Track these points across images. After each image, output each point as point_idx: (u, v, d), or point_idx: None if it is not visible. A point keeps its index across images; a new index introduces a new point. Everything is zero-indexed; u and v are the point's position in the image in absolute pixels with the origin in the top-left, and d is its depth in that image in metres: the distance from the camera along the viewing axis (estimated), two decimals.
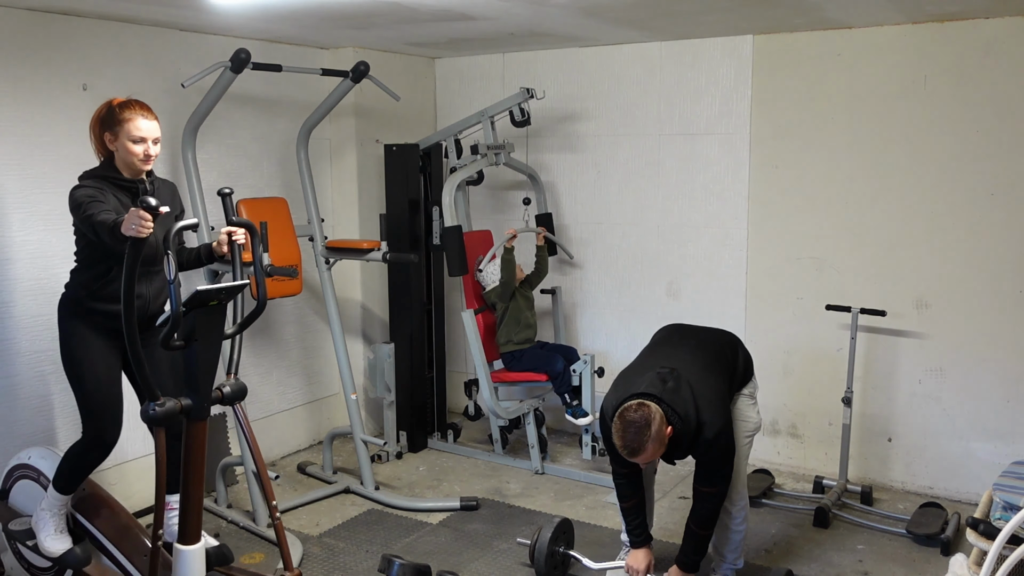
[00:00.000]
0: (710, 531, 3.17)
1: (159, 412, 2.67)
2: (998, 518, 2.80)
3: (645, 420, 2.87)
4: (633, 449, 2.90)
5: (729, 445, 3.08)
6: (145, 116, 2.93)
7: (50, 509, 3.18)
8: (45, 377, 3.76)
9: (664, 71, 4.81)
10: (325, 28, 4.28)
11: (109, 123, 2.92)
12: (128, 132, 2.90)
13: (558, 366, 4.54)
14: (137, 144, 2.91)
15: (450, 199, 4.49)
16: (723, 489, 3.12)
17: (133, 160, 2.93)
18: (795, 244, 4.56)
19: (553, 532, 3.51)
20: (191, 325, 2.70)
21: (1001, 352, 4.15)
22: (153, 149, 2.95)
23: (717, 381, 3.15)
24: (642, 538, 3.28)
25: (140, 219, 2.48)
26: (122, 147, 2.91)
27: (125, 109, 2.92)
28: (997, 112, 4.02)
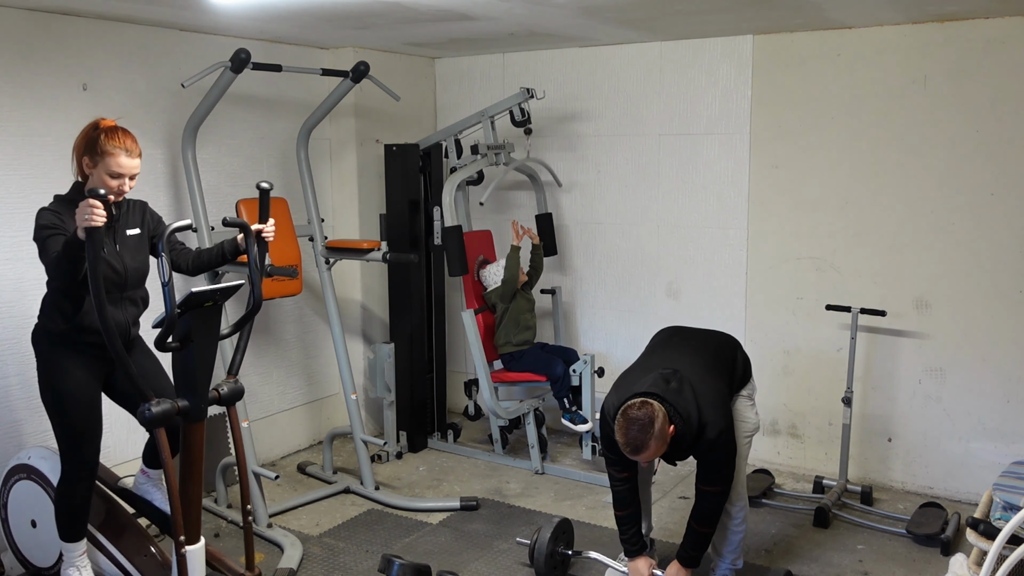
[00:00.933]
0: (712, 529, 3.18)
1: (155, 412, 2.66)
2: (998, 518, 2.81)
3: (648, 418, 2.88)
4: (636, 446, 2.90)
5: (731, 445, 3.08)
6: (129, 153, 2.85)
7: (71, 564, 3.13)
8: None
9: (664, 71, 4.81)
10: (325, 28, 4.28)
11: (91, 150, 2.84)
12: (107, 166, 2.82)
13: (557, 370, 4.53)
14: (113, 179, 2.84)
15: (450, 199, 4.49)
16: (725, 488, 3.12)
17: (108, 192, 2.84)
18: (795, 244, 4.56)
19: (553, 532, 3.50)
20: (187, 326, 2.69)
21: (1001, 352, 4.14)
22: (127, 185, 2.89)
23: (718, 382, 3.16)
24: (638, 547, 3.29)
25: (91, 208, 2.47)
26: (97, 177, 2.84)
27: (111, 140, 2.83)
28: (997, 112, 4.02)
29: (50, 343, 2.98)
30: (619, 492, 3.26)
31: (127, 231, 3.00)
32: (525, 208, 5.33)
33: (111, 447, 3.99)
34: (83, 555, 3.15)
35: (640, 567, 3.28)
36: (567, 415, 4.55)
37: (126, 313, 3.01)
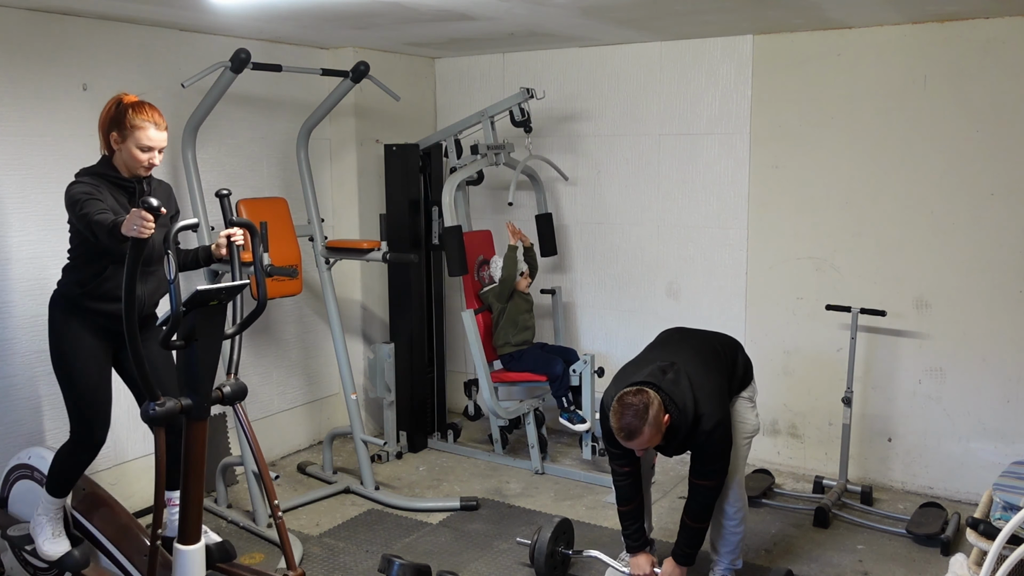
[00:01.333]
0: (705, 524, 3.19)
1: (159, 412, 2.66)
2: (998, 518, 2.80)
3: (643, 404, 2.90)
4: (630, 431, 2.91)
5: (726, 439, 3.09)
6: (157, 126, 2.93)
7: (46, 513, 3.18)
8: (45, 377, 3.75)
9: (664, 71, 4.81)
10: (325, 28, 4.28)
11: (118, 124, 2.89)
12: (137, 139, 2.89)
13: (557, 369, 4.53)
14: (144, 152, 2.91)
15: (450, 199, 4.49)
16: (718, 483, 3.13)
17: (135, 166, 2.93)
18: (795, 244, 4.56)
19: (553, 532, 3.50)
20: (191, 325, 2.70)
21: (1001, 352, 4.15)
22: (157, 159, 2.96)
23: (716, 377, 3.16)
24: (640, 542, 3.30)
25: (142, 220, 2.47)
26: (127, 151, 2.90)
27: (139, 114, 2.90)
28: (997, 112, 4.02)
29: (63, 308, 3.01)
30: (621, 487, 3.26)
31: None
32: (525, 208, 5.32)
33: (111, 446, 3.99)
34: (59, 510, 3.20)
35: (642, 563, 3.28)
36: (565, 414, 4.55)
37: (146, 286, 3.04)
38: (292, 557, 3.01)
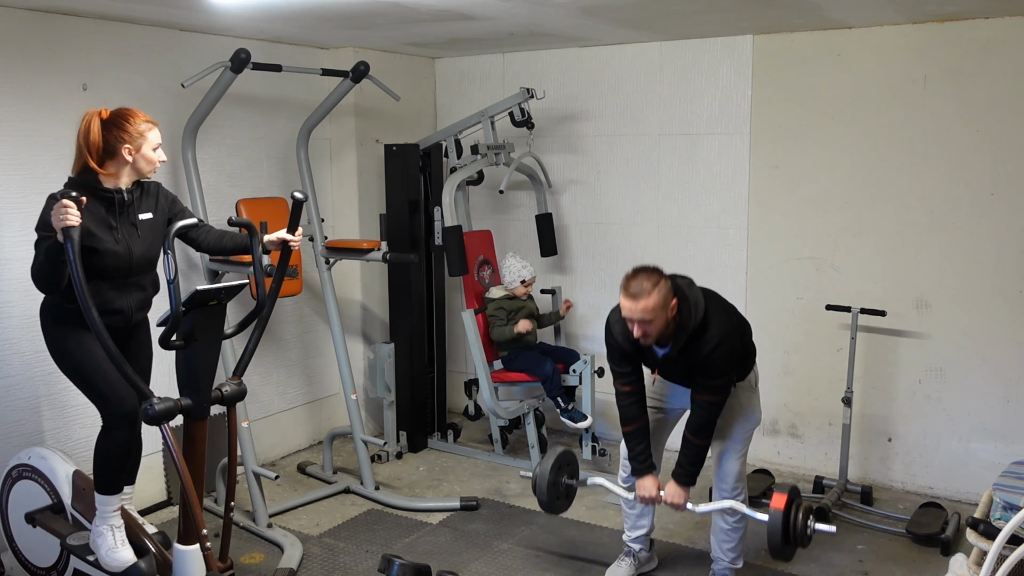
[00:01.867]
0: (706, 442, 3.16)
1: (158, 410, 2.67)
2: (998, 518, 2.80)
3: (657, 276, 2.97)
4: (636, 293, 2.92)
5: (733, 352, 3.08)
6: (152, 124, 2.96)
7: (104, 519, 3.04)
8: (45, 377, 3.76)
9: (664, 71, 4.81)
10: (325, 28, 4.28)
11: (127, 139, 2.88)
12: (151, 143, 2.92)
13: (546, 369, 4.51)
14: (159, 151, 2.95)
15: (450, 199, 4.49)
16: (721, 399, 3.11)
17: (151, 168, 2.95)
18: (795, 244, 4.56)
19: (555, 462, 3.43)
20: (191, 325, 2.70)
21: (1001, 352, 4.14)
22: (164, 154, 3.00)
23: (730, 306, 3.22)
24: (646, 465, 3.25)
25: (64, 208, 2.55)
26: (144, 158, 2.91)
27: (137, 120, 2.91)
28: (997, 112, 4.02)
29: (54, 315, 3.00)
30: (625, 407, 3.26)
31: (139, 215, 3.01)
32: (525, 208, 5.33)
33: None
34: (117, 512, 3.05)
35: (648, 485, 3.25)
36: (564, 414, 4.54)
37: (130, 298, 3.00)
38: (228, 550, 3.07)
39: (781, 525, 2.98)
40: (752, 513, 3.13)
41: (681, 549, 3.83)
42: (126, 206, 2.95)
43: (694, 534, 3.96)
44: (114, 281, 2.90)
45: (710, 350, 3.02)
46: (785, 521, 3.00)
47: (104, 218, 2.89)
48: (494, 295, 4.71)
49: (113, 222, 2.90)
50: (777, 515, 2.99)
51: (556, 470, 3.44)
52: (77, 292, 2.58)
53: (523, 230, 5.35)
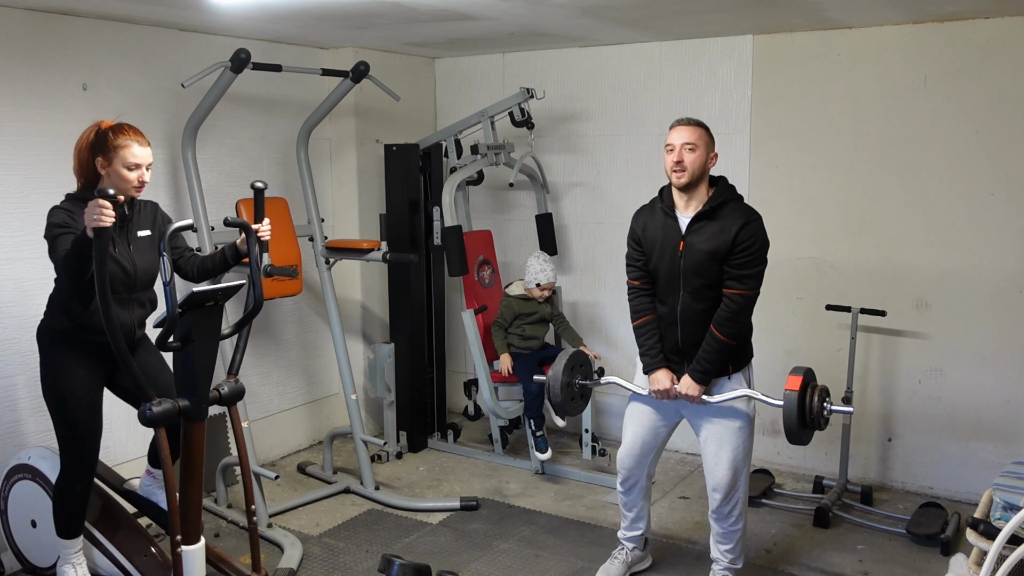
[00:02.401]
0: (729, 339, 3.08)
1: (156, 412, 2.67)
2: (998, 518, 2.80)
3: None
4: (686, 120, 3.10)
5: (761, 235, 3.05)
6: (140, 143, 2.87)
7: (67, 561, 3.15)
8: None
9: (664, 71, 4.81)
10: (325, 28, 4.28)
11: (102, 149, 2.85)
12: (123, 159, 2.84)
13: (531, 388, 4.49)
14: (132, 171, 2.85)
15: (450, 199, 4.49)
16: (752, 294, 3.07)
17: (126, 187, 2.86)
18: (795, 244, 4.56)
19: (567, 363, 3.39)
20: (188, 326, 2.70)
21: (1001, 352, 4.15)
22: (146, 175, 2.90)
23: None
24: (658, 359, 3.21)
25: (99, 208, 2.48)
26: (115, 173, 2.85)
27: (119, 135, 2.85)
28: (997, 112, 4.02)
29: (54, 341, 2.99)
30: (635, 302, 3.26)
31: (138, 232, 3.01)
32: (525, 208, 5.33)
33: (111, 447, 3.99)
34: (79, 552, 3.17)
35: (661, 378, 3.19)
36: (533, 436, 4.55)
37: (132, 314, 3.01)
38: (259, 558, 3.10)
39: (796, 408, 2.89)
40: (767, 399, 3.04)
41: (681, 549, 3.83)
42: (126, 222, 2.94)
43: (694, 534, 3.96)
44: (118, 296, 2.89)
45: (740, 226, 3.01)
46: (800, 403, 2.91)
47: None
48: (512, 291, 4.68)
49: (114, 237, 2.89)
50: (792, 398, 2.91)
51: (569, 371, 3.39)
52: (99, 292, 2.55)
53: (523, 230, 5.36)
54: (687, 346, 3.16)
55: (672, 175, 3.10)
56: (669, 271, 3.14)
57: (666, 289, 3.18)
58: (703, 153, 3.07)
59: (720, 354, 3.10)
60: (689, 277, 3.10)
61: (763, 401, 3.08)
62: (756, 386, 3.45)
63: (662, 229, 3.16)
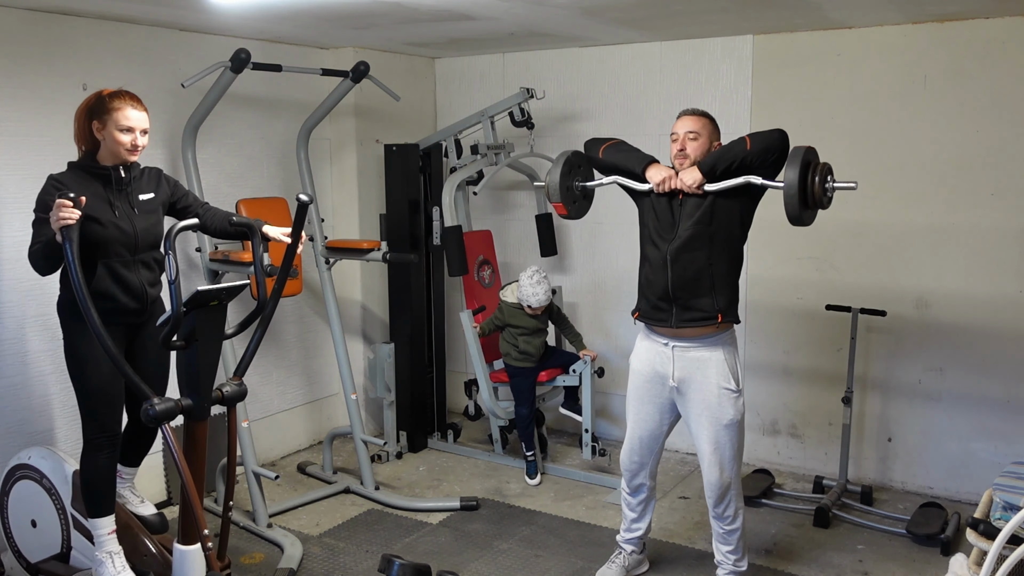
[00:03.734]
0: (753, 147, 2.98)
1: (158, 410, 2.67)
2: (998, 518, 2.80)
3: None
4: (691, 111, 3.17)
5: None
6: (135, 106, 2.92)
7: (101, 547, 3.09)
8: (45, 377, 3.76)
9: (664, 71, 4.81)
10: (325, 28, 4.28)
11: (98, 112, 2.90)
12: (116, 121, 2.88)
13: (522, 411, 4.50)
14: (125, 133, 2.90)
15: (450, 199, 4.49)
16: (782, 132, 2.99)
17: (119, 150, 2.91)
18: (795, 244, 4.56)
19: (564, 166, 3.28)
20: (191, 325, 2.70)
21: (1001, 352, 4.15)
22: (141, 140, 2.94)
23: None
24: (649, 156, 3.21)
25: (61, 207, 2.59)
26: (109, 136, 2.90)
27: (115, 99, 2.91)
28: (997, 112, 4.02)
29: (71, 311, 3.01)
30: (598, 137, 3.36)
31: (140, 195, 3.04)
32: (525, 208, 5.33)
33: None
34: (112, 535, 3.09)
35: (660, 169, 3.16)
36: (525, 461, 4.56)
37: (140, 276, 3.03)
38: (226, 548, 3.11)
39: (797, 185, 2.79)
40: (767, 182, 2.95)
41: (681, 549, 3.83)
42: (124, 184, 2.97)
43: (694, 534, 3.96)
44: (121, 259, 2.95)
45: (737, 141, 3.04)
46: (802, 182, 2.81)
47: (102, 194, 2.93)
48: (507, 298, 4.58)
49: (112, 199, 2.94)
50: (792, 178, 2.81)
51: (567, 174, 3.30)
52: (76, 291, 2.64)
53: (523, 230, 5.36)
54: (676, 290, 3.12)
55: (675, 163, 3.16)
56: (667, 212, 3.16)
57: (661, 231, 3.17)
58: (706, 141, 3.12)
59: (733, 148, 3.02)
60: (686, 219, 3.12)
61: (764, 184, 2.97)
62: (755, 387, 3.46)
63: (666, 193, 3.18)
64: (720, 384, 3.16)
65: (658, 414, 3.33)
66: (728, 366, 3.18)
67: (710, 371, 3.17)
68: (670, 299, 3.15)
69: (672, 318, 3.16)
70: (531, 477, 4.56)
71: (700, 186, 3.05)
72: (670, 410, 3.32)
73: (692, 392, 3.19)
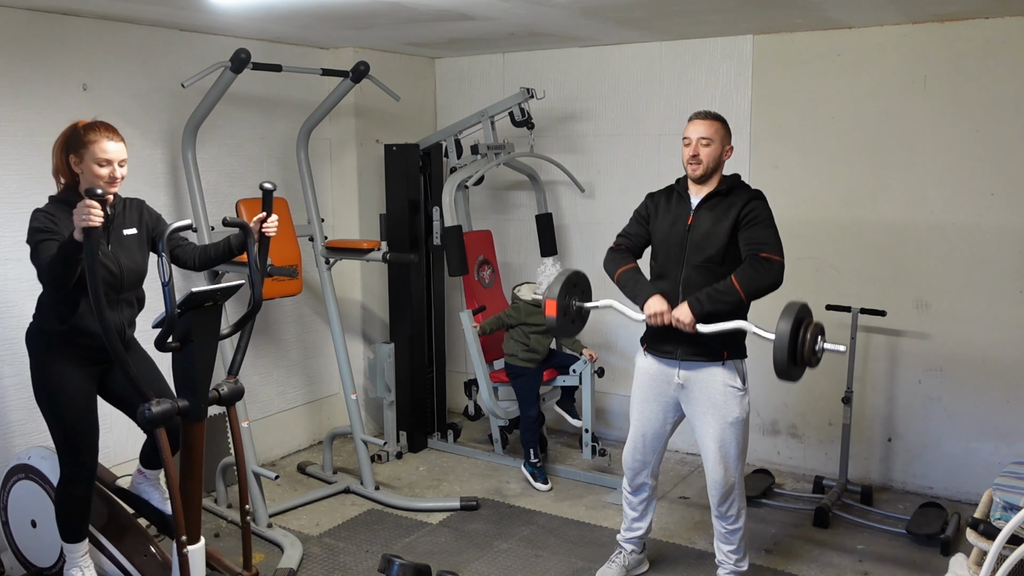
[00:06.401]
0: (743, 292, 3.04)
1: (155, 412, 2.66)
2: (998, 518, 2.80)
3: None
4: (704, 114, 3.17)
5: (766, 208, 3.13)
6: (111, 138, 2.84)
7: (74, 564, 3.12)
8: None
9: (664, 71, 4.81)
10: (325, 28, 4.28)
11: (74, 145, 2.83)
12: (93, 154, 2.81)
13: (530, 413, 4.48)
14: (103, 167, 2.82)
15: (450, 199, 4.49)
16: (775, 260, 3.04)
17: (98, 183, 2.81)
18: (795, 244, 4.54)
19: (564, 284, 3.29)
20: (187, 326, 2.69)
21: (1001, 352, 4.14)
22: (119, 171, 2.87)
23: None
24: (647, 289, 3.20)
25: (88, 208, 2.45)
26: (87, 170, 2.82)
27: (90, 131, 2.83)
28: (997, 112, 4.02)
29: (46, 344, 2.97)
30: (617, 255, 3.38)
31: (123, 231, 2.98)
32: (525, 208, 5.33)
33: (110, 447, 3.99)
34: (85, 555, 3.15)
35: (656, 302, 3.15)
36: (528, 466, 4.53)
37: (122, 315, 2.99)
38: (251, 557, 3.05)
39: (788, 340, 2.81)
40: (759, 331, 2.98)
41: (681, 549, 3.83)
42: (111, 220, 2.91)
43: (694, 534, 3.96)
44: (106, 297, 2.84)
45: (746, 200, 3.10)
46: (792, 339, 2.83)
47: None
48: (523, 295, 4.57)
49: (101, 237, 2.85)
50: (784, 331, 2.83)
51: (566, 292, 3.32)
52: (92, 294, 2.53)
53: (523, 230, 5.36)
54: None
55: (688, 168, 3.18)
56: (676, 244, 3.19)
57: (670, 264, 3.21)
58: (718, 147, 3.15)
59: (726, 297, 3.04)
60: (695, 251, 3.15)
61: (756, 333, 2.99)
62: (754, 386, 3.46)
63: (675, 207, 3.25)
64: (726, 382, 3.18)
65: (662, 412, 3.33)
66: (734, 364, 3.20)
67: (716, 369, 3.19)
68: (679, 332, 3.17)
69: (678, 351, 3.21)
70: (543, 483, 4.50)
71: (692, 325, 3.08)
72: (674, 409, 3.32)
73: (697, 390, 3.20)
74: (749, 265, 3.06)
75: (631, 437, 3.41)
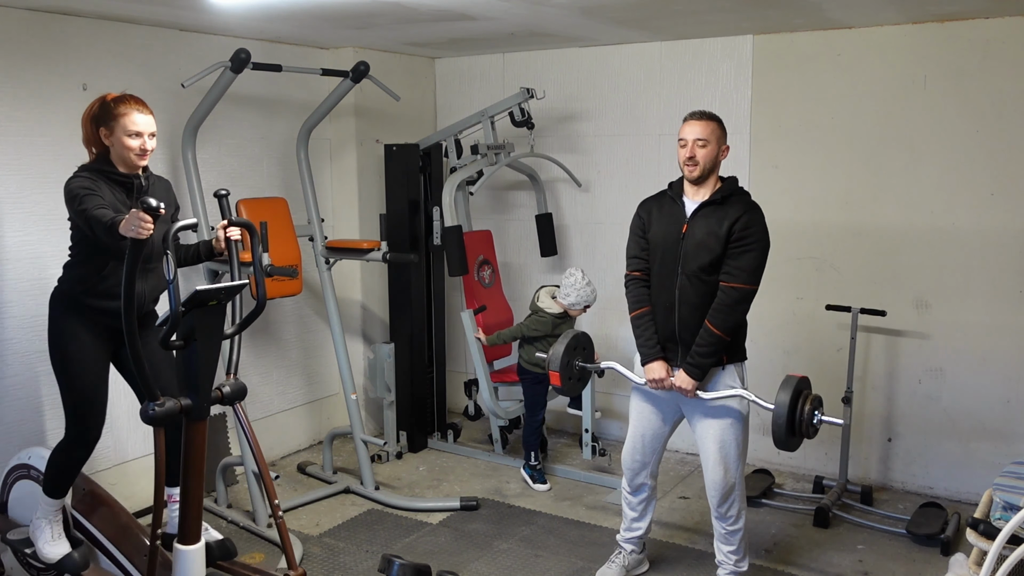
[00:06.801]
0: (723, 336, 3.10)
1: (159, 412, 2.66)
2: (998, 518, 2.80)
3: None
4: (699, 115, 3.15)
5: (762, 225, 3.11)
6: (141, 111, 2.91)
7: (45, 516, 3.18)
8: (45, 377, 3.75)
9: (664, 71, 4.81)
10: (325, 28, 4.28)
11: (104, 118, 2.89)
12: (124, 127, 2.87)
13: (538, 416, 4.47)
14: (133, 139, 2.89)
15: (450, 199, 4.49)
16: (746, 288, 3.09)
17: (128, 155, 2.90)
18: (795, 244, 4.56)
19: (568, 344, 3.37)
20: (190, 325, 2.70)
21: (1001, 352, 4.15)
22: (149, 143, 2.93)
23: None
24: (655, 350, 3.23)
25: (140, 220, 2.45)
26: (118, 142, 2.89)
27: (120, 104, 2.89)
28: (997, 112, 4.02)
29: (64, 306, 3.01)
30: (636, 291, 3.29)
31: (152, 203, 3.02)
32: (525, 208, 5.33)
33: (112, 446, 4.00)
34: (58, 512, 3.20)
35: (657, 368, 3.20)
36: (527, 468, 4.53)
37: (145, 283, 3.03)
38: (293, 556, 3.01)
39: (787, 414, 2.90)
40: (759, 401, 3.05)
41: (681, 549, 3.83)
42: (143, 193, 2.96)
43: (694, 534, 3.96)
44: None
45: (739, 215, 3.07)
46: (791, 411, 2.91)
47: (125, 202, 2.92)
48: (550, 308, 4.43)
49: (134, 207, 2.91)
50: (783, 403, 2.91)
51: (570, 352, 3.39)
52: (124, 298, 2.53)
53: (523, 230, 5.36)
54: (683, 332, 3.16)
55: (684, 169, 3.17)
56: (670, 254, 3.18)
57: (665, 273, 3.21)
58: (714, 148, 3.14)
59: (713, 347, 3.11)
60: (689, 260, 3.14)
61: (755, 403, 3.09)
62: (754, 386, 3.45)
63: (668, 214, 3.23)
64: (726, 383, 3.19)
65: (662, 413, 3.34)
66: (734, 367, 3.21)
67: (716, 372, 3.19)
68: (678, 341, 3.20)
69: (678, 358, 3.21)
70: (542, 484, 4.50)
71: (693, 390, 3.14)
72: (674, 409, 3.32)
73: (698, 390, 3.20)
74: (720, 301, 3.11)
75: (630, 437, 3.41)
